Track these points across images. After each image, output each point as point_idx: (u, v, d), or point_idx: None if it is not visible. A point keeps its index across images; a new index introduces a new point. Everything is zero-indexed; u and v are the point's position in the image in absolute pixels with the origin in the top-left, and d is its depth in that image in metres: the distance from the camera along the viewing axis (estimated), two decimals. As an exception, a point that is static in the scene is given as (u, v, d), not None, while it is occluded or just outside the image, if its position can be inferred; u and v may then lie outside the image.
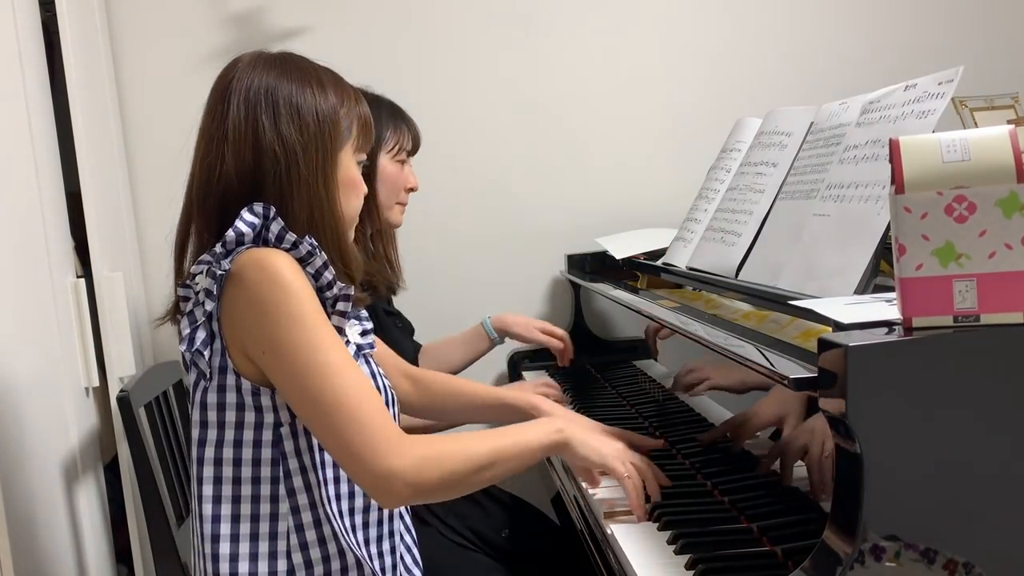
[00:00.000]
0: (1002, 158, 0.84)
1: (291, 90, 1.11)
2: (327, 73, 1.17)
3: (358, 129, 1.17)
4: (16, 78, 1.63)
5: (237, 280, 1.04)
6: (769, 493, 1.13)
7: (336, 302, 1.10)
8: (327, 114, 1.12)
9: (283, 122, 1.10)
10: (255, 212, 1.07)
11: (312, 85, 1.13)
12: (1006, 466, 0.85)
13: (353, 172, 1.17)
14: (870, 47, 2.30)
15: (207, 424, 1.09)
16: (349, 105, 1.15)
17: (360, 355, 1.16)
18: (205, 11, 2.18)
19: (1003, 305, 0.85)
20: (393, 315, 1.71)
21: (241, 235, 1.06)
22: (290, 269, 1.04)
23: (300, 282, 1.04)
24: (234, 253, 1.06)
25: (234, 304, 1.05)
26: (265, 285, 1.02)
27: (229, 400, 1.08)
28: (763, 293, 1.34)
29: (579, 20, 2.28)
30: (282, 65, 1.14)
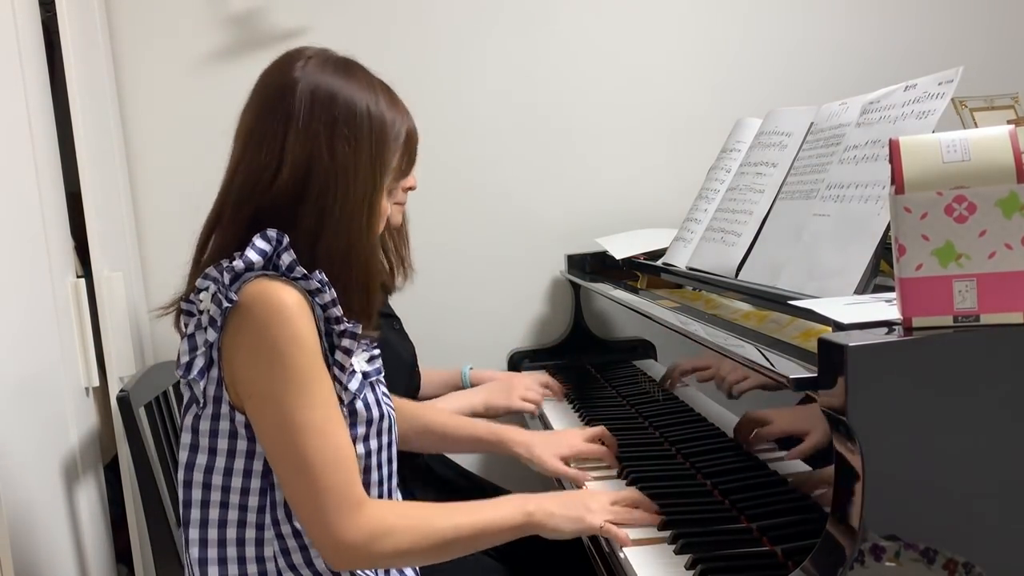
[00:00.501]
0: (1002, 158, 0.84)
1: (356, 105, 1.06)
2: (386, 88, 1.13)
3: (400, 159, 1.12)
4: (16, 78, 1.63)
5: (244, 313, 1.01)
6: (769, 493, 1.12)
7: (344, 336, 1.07)
8: (383, 136, 1.08)
9: (340, 138, 1.05)
10: (268, 238, 1.03)
11: (372, 100, 1.08)
12: (1006, 466, 0.85)
13: (386, 203, 1.12)
14: (870, 47, 2.30)
15: (197, 448, 1.07)
16: (400, 124, 1.11)
17: (367, 383, 1.13)
18: (205, 11, 2.18)
19: (1003, 305, 0.85)
20: (390, 317, 1.70)
21: (251, 263, 1.02)
22: (298, 307, 1.01)
23: (305, 323, 1.01)
24: (241, 281, 1.02)
25: (236, 337, 1.02)
26: (270, 322, 0.99)
27: (222, 428, 1.06)
28: (763, 293, 1.34)
29: (579, 20, 2.28)
30: (347, 74, 1.09)
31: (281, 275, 1.03)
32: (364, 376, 1.12)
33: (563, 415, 1.79)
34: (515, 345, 2.28)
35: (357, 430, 1.09)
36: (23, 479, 1.48)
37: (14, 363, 1.48)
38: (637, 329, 1.84)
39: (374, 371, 1.16)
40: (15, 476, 1.44)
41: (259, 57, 2.19)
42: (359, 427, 1.09)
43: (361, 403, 1.09)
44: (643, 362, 1.80)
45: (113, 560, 1.89)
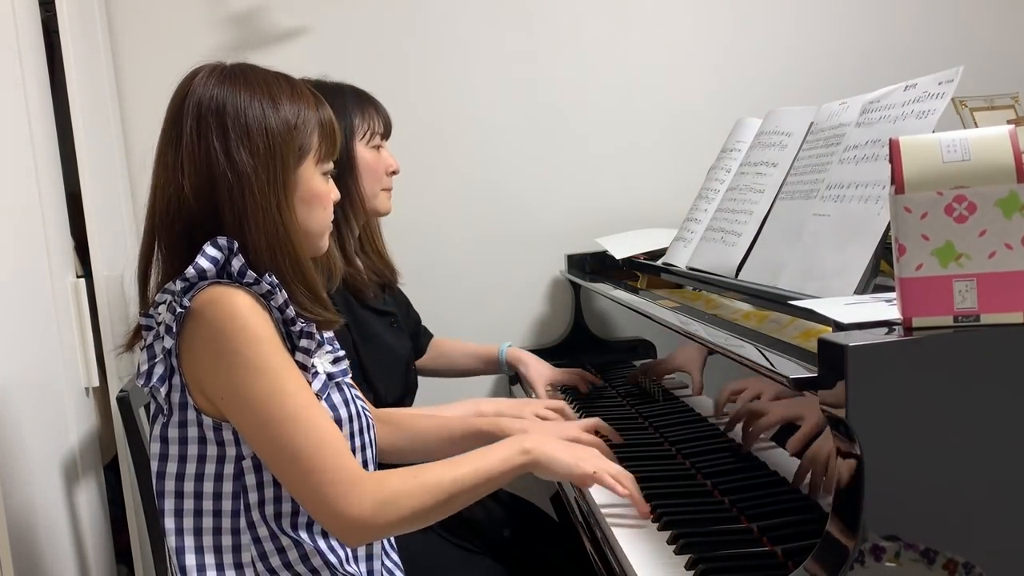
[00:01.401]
0: (1002, 158, 0.84)
1: (242, 109, 1.07)
2: (283, 83, 1.12)
3: (320, 138, 1.13)
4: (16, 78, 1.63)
5: (197, 318, 1.02)
6: (769, 493, 1.12)
7: (301, 337, 1.08)
8: (279, 132, 1.08)
9: (234, 145, 1.06)
10: (218, 246, 1.04)
11: (264, 101, 1.09)
12: (1006, 466, 0.85)
13: (316, 185, 1.13)
14: (870, 47, 2.30)
15: (167, 457, 1.08)
16: (306, 115, 1.11)
17: (332, 383, 1.13)
18: (205, 11, 2.18)
19: (1003, 305, 0.85)
20: (388, 315, 1.69)
21: (203, 271, 1.03)
22: (250, 308, 1.02)
23: (260, 321, 1.02)
24: (195, 289, 1.03)
25: (193, 343, 1.03)
26: (224, 325, 1.01)
27: (190, 435, 1.07)
28: (763, 293, 1.34)
29: (580, 20, 2.28)
30: (233, 81, 1.10)
31: (234, 281, 1.04)
32: (329, 377, 1.13)
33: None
34: (515, 345, 2.28)
35: None
36: (23, 479, 1.48)
37: (14, 362, 1.48)
38: (637, 329, 1.84)
39: (339, 372, 1.16)
40: (15, 476, 1.44)
41: (259, 57, 2.19)
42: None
43: (325, 404, 1.10)
44: (643, 362, 1.80)
45: (113, 560, 1.89)
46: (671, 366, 1.54)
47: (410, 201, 1.78)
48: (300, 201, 1.11)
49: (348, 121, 1.58)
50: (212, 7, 2.17)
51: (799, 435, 1.05)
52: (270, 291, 1.05)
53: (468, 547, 1.56)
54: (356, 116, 1.60)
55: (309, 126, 1.11)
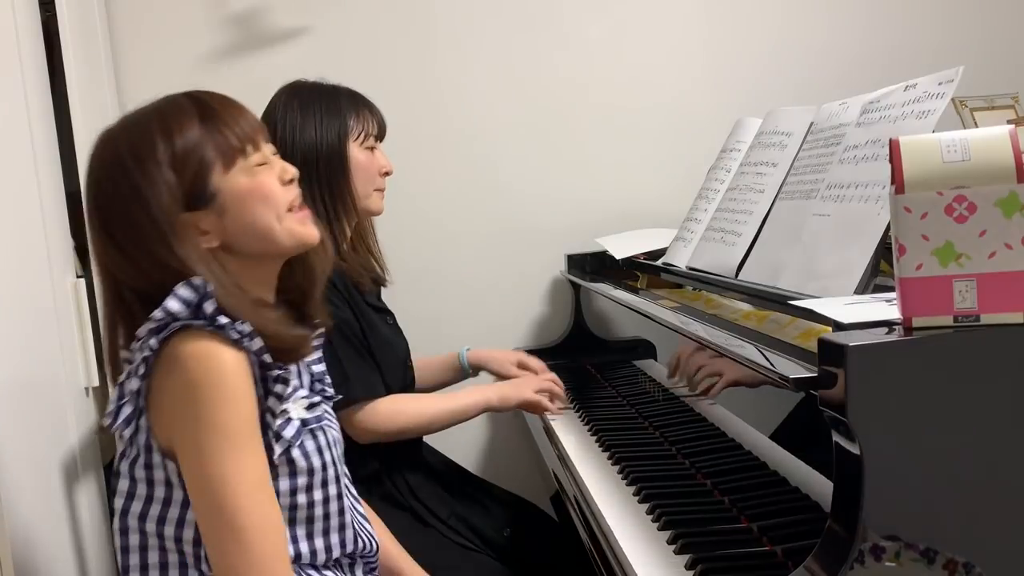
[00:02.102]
0: (1002, 158, 0.84)
1: (113, 184, 1.05)
2: (153, 124, 1.07)
3: (214, 147, 1.06)
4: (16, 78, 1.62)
5: (177, 367, 0.99)
6: (769, 493, 1.13)
7: (276, 382, 1.05)
8: (154, 188, 1.03)
9: (116, 224, 1.04)
10: (193, 286, 1.01)
11: (131, 165, 1.04)
12: (1006, 466, 0.85)
13: (240, 183, 1.07)
14: (870, 47, 2.30)
15: (134, 496, 1.05)
16: (184, 144, 1.05)
17: (306, 430, 1.10)
18: (205, 11, 2.18)
19: (1003, 305, 0.85)
20: (383, 312, 1.70)
21: (171, 313, 1.00)
22: (236, 369, 0.99)
23: (242, 385, 1.00)
24: (167, 331, 1.00)
25: (166, 389, 1.00)
26: (203, 380, 0.98)
27: (157, 476, 1.04)
28: (763, 293, 1.34)
29: (580, 19, 2.28)
30: (102, 156, 1.07)
31: (208, 326, 1.00)
32: (303, 423, 1.09)
33: (563, 415, 1.79)
34: (515, 345, 2.28)
35: (297, 480, 1.06)
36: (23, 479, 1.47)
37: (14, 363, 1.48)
38: (637, 329, 1.84)
39: (314, 419, 1.12)
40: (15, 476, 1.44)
41: (259, 57, 2.21)
42: (299, 477, 1.07)
43: (298, 451, 1.07)
44: (643, 362, 1.80)
45: (113, 560, 1.89)
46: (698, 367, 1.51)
47: (410, 201, 1.78)
48: (236, 211, 1.07)
49: (342, 121, 1.60)
50: (212, 7, 2.17)
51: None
52: (247, 335, 1.01)
53: (469, 545, 1.57)
54: (351, 117, 1.61)
55: (193, 148, 1.06)
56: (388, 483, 1.58)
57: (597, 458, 1.50)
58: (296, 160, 1.59)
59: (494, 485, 1.82)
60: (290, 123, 1.59)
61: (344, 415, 1.51)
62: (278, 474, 1.05)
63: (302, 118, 1.59)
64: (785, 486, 1.09)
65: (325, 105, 1.61)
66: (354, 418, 1.52)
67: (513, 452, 2.29)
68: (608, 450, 1.51)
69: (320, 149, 1.58)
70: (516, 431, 2.23)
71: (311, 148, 1.58)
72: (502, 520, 1.69)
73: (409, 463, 1.64)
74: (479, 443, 2.33)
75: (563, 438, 1.64)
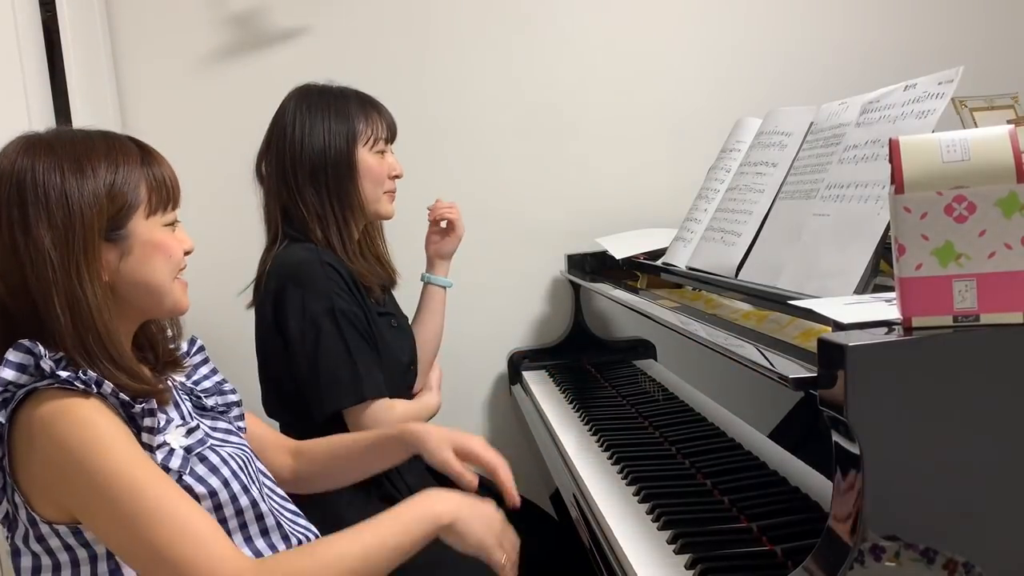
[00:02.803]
0: (1002, 158, 0.84)
1: (41, 181, 1.01)
2: (97, 146, 1.05)
3: (148, 191, 1.06)
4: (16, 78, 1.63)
5: (37, 433, 0.96)
6: (769, 493, 1.13)
7: (144, 416, 1.02)
8: (83, 200, 1.01)
9: (32, 220, 1.00)
10: (23, 349, 0.98)
11: (69, 168, 1.02)
12: (1006, 466, 0.85)
13: (154, 235, 1.07)
14: (870, 47, 2.30)
15: (40, 568, 1.03)
16: (126, 174, 1.05)
17: (192, 456, 1.07)
18: (205, 11, 2.18)
19: (1003, 305, 0.85)
20: (388, 315, 1.70)
21: (7, 383, 0.97)
22: (95, 415, 0.96)
23: (106, 424, 0.97)
24: (13, 402, 0.97)
25: (35, 460, 0.97)
26: (72, 442, 0.95)
27: (54, 545, 1.01)
28: (763, 293, 1.34)
29: (579, 20, 2.28)
30: (36, 152, 1.03)
31: (54, 383, 0.97)
32: (187, 451, 1.07)
33: (563, 415, 1.79)
34: (515, 345, 2.28)
35: (202, 503, 1.04)
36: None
37: (14, 363, 1.48)
38: (637, 329, 1.84)
39: (197, 443, 1.09)
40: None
41: (258, 57, 2.21)
42: (202, 501, 1.05)
43: (191, 478, 1.05)
44: (643, 362, 1.80)
45: (113, 560, 1.89)
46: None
47: (410, 202, 1.77)
48: (137, 259, 1.06)
49: (351, 125, 1.61)
50: (212, 7, 2.18)
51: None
52: (95, 382, 0.99)
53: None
54: (360, 121, 1.62)
55: (131, 183, 1.05)
56: (387, 484, 1.58)
57: (597, 458, 1.50)
58: (305, 164, 1.60)
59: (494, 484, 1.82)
60: (299, 127, 1.60)
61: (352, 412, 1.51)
62: None
63: (311, 122, 1.60)
64: (785, 486, 1.09)
65: (334, 109, 1.61)
66: (361, 416, 1.52)
67: (513, 452, 2.28)
68: (608, 450, 1.51)
69: (329, 154, 1.59)
70: (516, 431, 2.23)
71: (320, 153, 1.59)
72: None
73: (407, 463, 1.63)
74: (479, 443, 2.33)
75: (563, 438, 1.64)
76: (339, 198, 1.60)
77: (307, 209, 1.59)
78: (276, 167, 1.62)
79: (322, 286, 1.51)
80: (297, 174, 1.59)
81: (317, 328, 1.49)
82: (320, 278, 1.51)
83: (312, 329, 1.49)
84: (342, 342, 1.50)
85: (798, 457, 1.08)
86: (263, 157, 1.65)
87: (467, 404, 2.31)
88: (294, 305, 1.51)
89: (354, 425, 1.51)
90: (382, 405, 1.52)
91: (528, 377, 2.17)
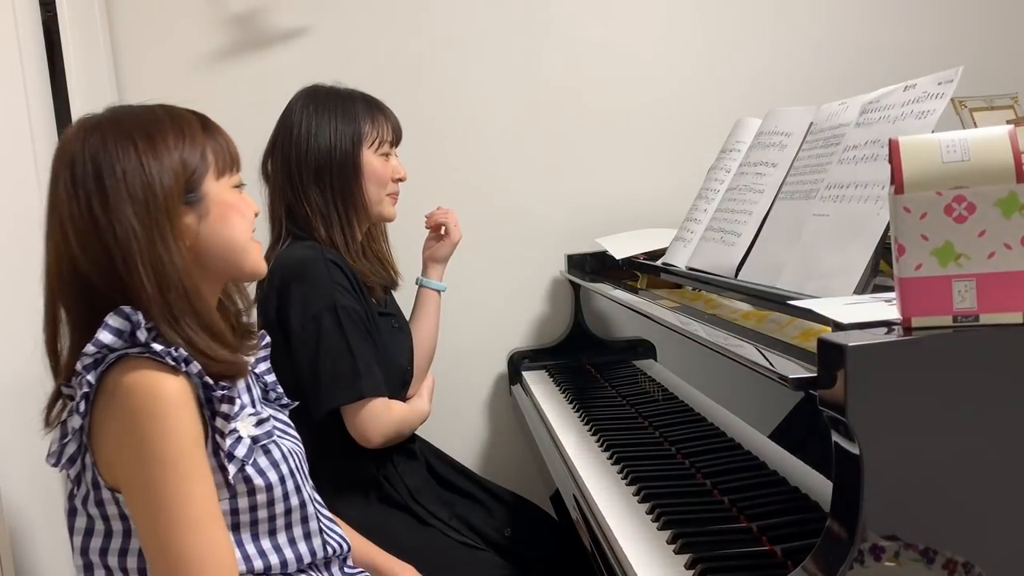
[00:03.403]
0: (1002, 158, 0.84)
1: (117, 158, 1.03)
2: (161, 117, 1.09)
3: (214, 155, 1.10)
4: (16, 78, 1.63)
5: (117, 399, 0.98)
6: (769, 493, 1.13)
7: (221, 402, 1.04)
8: (158, 172, 1.04)
9: (112, 197, 1.02)
10: (123, 315, 1.01)
11: (140, 142, 1.05)
12: (1006, 466, 0.85)
13: (227, 195, 1.10)
14: (869, 47, 2.30)
15: (92, 531, 1.04)
16: (192, 143, 1.08)
17: (257, 447, 1.09)
18: (205, 11, 2.18)
19: (1002, 305, 0.85)
20: (389, 315, 1.70)
21: (102, 345, 0.99)
22: (179, 400, 0.98)
23: (184, 414, 0.98)
24: (103, 364, 0.99)
25: (108, 424, 0.99)
26: (144, 410, 0.96)
27: (111, 512, 1.03)
28: (763, 293, 1.34)
29: (579, 20, 2.28)
30: (104, 130, 1.06)
31: (145, 353, 1.00)
32: (254, 440, 1.09)
33: (563, 415, 1.80)
34: (515, 345, 2.28)
35: (256, 497, 1.06)
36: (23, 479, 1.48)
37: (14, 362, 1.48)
38: (637, 329, 1.84)
39: (264, 434, 1.11)
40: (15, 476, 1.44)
41: (259, 57, 2.21)
42: (258, 495, 1.06)
43: (252, 469, 1.06)
44: (643, 362, 1.80)
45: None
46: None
47: (409, 201, 1.78)
48: (215, 218, 1.08)
49: (357, 127, 1.62)
50: (212, 7, 2.18)
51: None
52: (185, 359, 1.01)
53: (471, 543, 1.57)
54: (366, 123, 1.63)
55: (197, 150, 1.08)
56: (387, 485, 1.58)
57: (597, 458, 1.50)
58: (310, 163, 1.60)
59: (495, 484, 1.82)
60: (306, 127, 1.60)
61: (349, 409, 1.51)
62: (236, 493, 1.05)
63: (317, 123, 1.61)
64: (785, 486, 1.09)
65: (341, 111, 1.62)
66: (358, 414, 1.52)
67: (513, 452, 2.29)
68: (608, 450, 1.51)
69: (334, 155, 1.60)
70: (516, 431, 2.23)
71: (325, 153, 1.60)
72: (503, 520, 1.69)
73: (406, 464, 1.64)
74: (479, 443, 2.33)
75: (563, 438, 1.64)
76: (343, 198, 1.61)
77: (311, 208, 1.59)
78: (281, 166, 1.63)
79: (325, 283, 1.51)
80: (302, 173, 1.60)
81: (318, 324, 1.50)
82: (323, 275, 1.51)
83: (313, 325, 1.50)
84: (343, 339, 1.50)
85: (798, 457, 1.08)
86: (269, 156, 1.66)
87: (467, 404, 2.31)
88: (296, 301, 1.51)
89: (351, 423, 1.51)
90: (380, 404, 1.52)
91: (528, 377, 2.17)
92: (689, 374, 1.53)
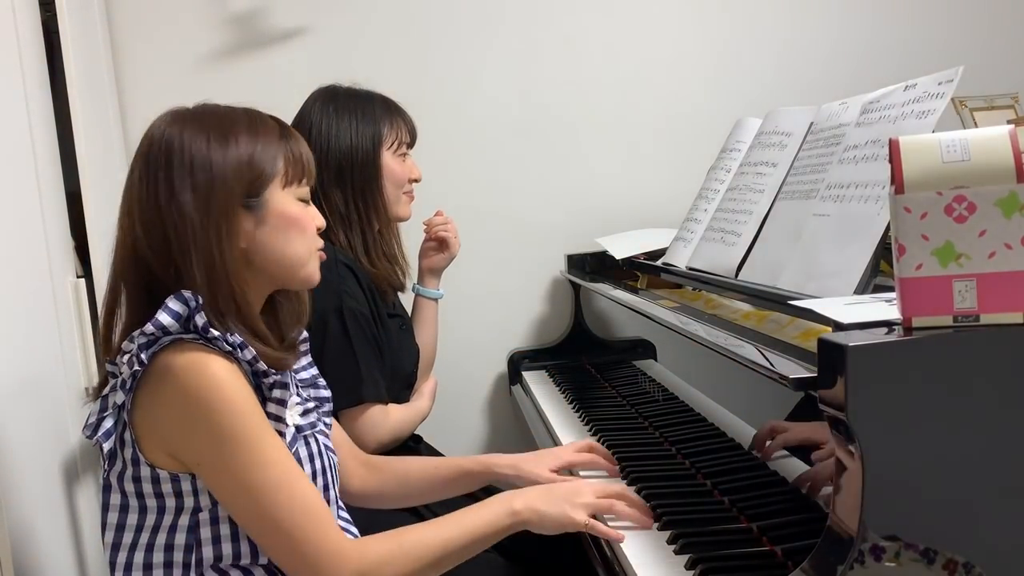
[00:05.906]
0: (1002, 158, 0.84)
1: (188, 146, 1.06)
2: (240, 118, 1.11)
3: (285, 164, 1.10)
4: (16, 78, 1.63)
5: (168, 379, 1.00)
6: (769, 493, 1.13)
7: (273, 388, 1.07)
8: (225, 166, 1.06)
9: (177, 183, 1.04)
10: (183, 299, 1.02)
11: (213, 136, 1.07)
12: (1006, 466, 0.85)
13: (289, 208, 1.11)
14: (870, 47, 2.30)
15: (127, 508, 1.06)
16: (266, 146, 1.09)
17: (300, 436, 1.12)
18: (205, 11, 2.18)
19: (1003, 305, 0.85)
20: (397, 316, 1.71)
21: (163, 327, 1.01)
22: (229, 376, 1.00)
23: (239, 390, 1.01)
24: (156, 345, 1.01)
25: (158, 403, 1.01)
26: (203, 394, 0.99)
27: (146, 489, 1.05)
28: (763, 293, 1.34)
29: (579, 19, 2.28)
30: (184, 120, 1.08)
31: (199, 339, 1.02)
32: (297, 430, 1.11)
33: (563, 415, 1.79)
34: (515, 345, 2.28)
35: None
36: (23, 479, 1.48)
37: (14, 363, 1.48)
38: (637, 329, 1.84)
39: (308, 425, 1.14)
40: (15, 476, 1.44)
41: (259, 57, 2.21)
42: None
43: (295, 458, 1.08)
44: (643, 362, 1.80)
45: (113, 560, 1.89)
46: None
47: (410, 202, 1.78)
48: (273, 228, 1.09)
49: (376, 129, 1.63)
50: (212, 7, 2.17)
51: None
52: (239, 345, 1.03)
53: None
54: (384, 124, 1.64)
55: (269, 154, 1.09)
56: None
57: (597, 458, 1.50)
58: (331, 164, 1.61)
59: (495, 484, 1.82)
60: (325, 128, 1.61)
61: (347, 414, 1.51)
62: None
63: (337, 123, 1.61)
64: (785, 486, 1.09)
65: (360, 112, 1.63)
66: (357, 420, 1.52)
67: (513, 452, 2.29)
68: (608, 450, 1.51)
69: (355, 156, 1.61)
70: (516, 431, 2.23)
71: (346, 154, 1.60)
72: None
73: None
74: (479, 443, 2.33)
75: (563, 438, 1.64)
76: (363, 199, 1.62)
77: (330, 209, 1.60)
78: None
79: (334, 284, 1.51)
80: (322, 174, 1.60)
81: (324, 326, 1.50)
82: (333, 277, 1.52)
83: (319, 326, 1.50)
84: (347, 343, 1.50)
85: (798, 457, 1.08)
86: None
87: (467, 404, 2.31)
88: None
89: (348, 428, 1.51)
90: (378, 412, 1.53)
91: (528, 377, 2.17)
92: (689, 374, 1.53)
